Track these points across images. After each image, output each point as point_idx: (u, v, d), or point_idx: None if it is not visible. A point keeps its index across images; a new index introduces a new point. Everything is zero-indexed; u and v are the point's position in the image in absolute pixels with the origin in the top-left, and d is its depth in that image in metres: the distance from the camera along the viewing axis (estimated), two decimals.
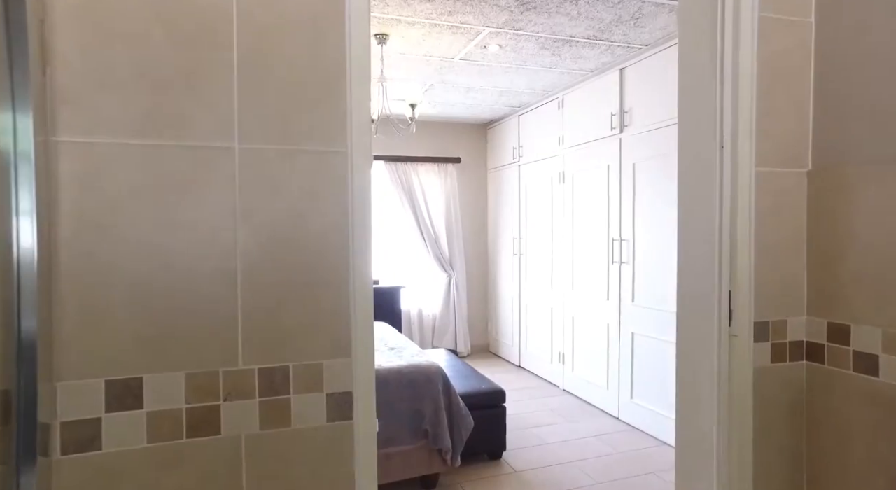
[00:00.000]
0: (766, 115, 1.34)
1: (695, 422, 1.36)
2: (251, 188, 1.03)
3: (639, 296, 3.80)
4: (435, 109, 5.42)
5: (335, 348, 1.08)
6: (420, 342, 5.95)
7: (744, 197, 1.28)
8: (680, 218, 1.39)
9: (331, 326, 1.08)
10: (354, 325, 1.07)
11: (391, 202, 5.80)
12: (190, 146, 1.00)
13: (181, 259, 1.00)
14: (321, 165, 1.07)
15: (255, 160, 1.03)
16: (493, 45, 3.55)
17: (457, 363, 3.88)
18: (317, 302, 1.07)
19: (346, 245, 1.08)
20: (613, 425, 3.93)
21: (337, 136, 1.07)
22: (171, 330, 0.99)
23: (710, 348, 1.30)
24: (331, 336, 1.08)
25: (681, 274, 1.41)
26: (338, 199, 1.08)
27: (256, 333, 1.04)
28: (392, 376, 2.92)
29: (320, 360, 1.08)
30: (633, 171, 3.83)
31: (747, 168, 1.28)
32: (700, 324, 1.34)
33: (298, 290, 1.06)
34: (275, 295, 1.05)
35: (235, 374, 1.03)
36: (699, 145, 1.32)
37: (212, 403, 1.02)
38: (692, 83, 1.35)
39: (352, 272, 1.08)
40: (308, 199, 1.06)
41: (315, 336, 1.07)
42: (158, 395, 0.99)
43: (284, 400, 1.06)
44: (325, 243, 1.08)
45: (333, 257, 1.08)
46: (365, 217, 1.08)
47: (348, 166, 1.07)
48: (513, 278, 5.67)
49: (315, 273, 1.07)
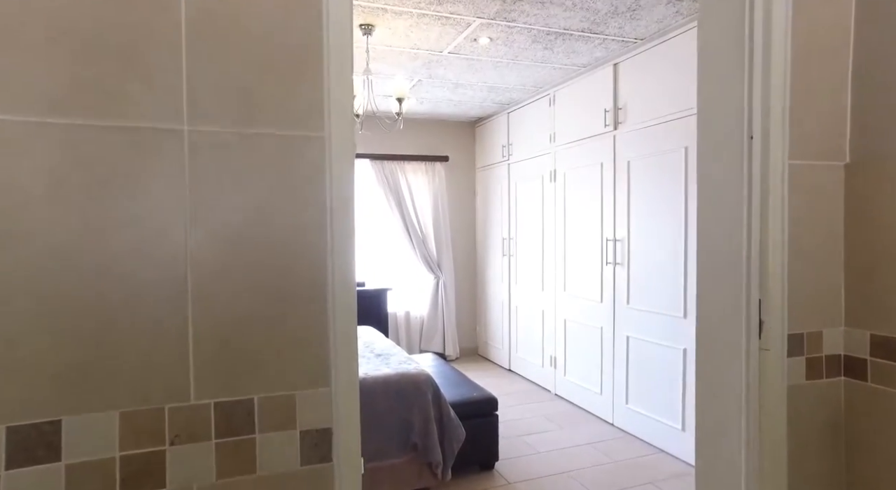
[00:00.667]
0: (801, 100, 1.19)
1: (718, 445, 1.22)
2: (205, 180, 0.84)
3: (634, 298, 3.67)
4: (422, 106, 5.26)
5: (311, 375, 0.89)
6: (407, 346, 5.80)
7: (776, 193, 1.13)
8: (700, 217, 1.25)
9: (306, 349, 0.89)
10: (335, 346, 0.88)
11: (377, 202, 5.64)
12: (126, 128, 0.81)
13: (115, 269, 0.81)
14: (293, 153, 0.88)
15: (209, 146, 0.84)
16: (484, 37, 3.40)
17: (446, 369, 3.73)
18: (289, 319, 0.89)
19: (325, 250, 0.90)
20: (608, 432, 3.81)
21: (312, 117, 0.88)
22: (100, 358, 0.80)
23: (737, 363, 1.16)
24: (306, 360, 0.89)
25: (701, 280, 1.26)
26: (314, 194, 0.89)
27: (213, 359, 0.85)
28: (379, 386, 2.76)
29: (293, 390, 0.89)
30: (627, 169, 3.70)
31: (779, 161, 1.14)
32: (724, 335, 1.19)
33: (265, 305, 0.88)
34: (236, 311, 0.86)
35: (186, 411, 0.84)
36: (723, 136, 1.18)
37: (155, 449, 0.82)
38: (715, 65, 1.20)
39: (331, 282, 0.90)
40: (277, 194, 0.88)
41: (286, 361, 0.88)
42: (83, 442, 0.79)
43: (248, 441, 0.86)
44: (298, 248, 0.89)
45: (309, 265, 0.90)
46: (347, 216, 0.90)
47: (326, 154, 0.88)
48: (502, 280, 5.53)
49: (286, 284, 0.89)
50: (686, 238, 3.24)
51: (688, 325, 3.24)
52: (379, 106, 4.60)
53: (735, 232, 1.16)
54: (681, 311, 3.29)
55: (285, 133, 0.88)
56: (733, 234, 1.16)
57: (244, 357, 0.87)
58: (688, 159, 3.23)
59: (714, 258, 1.22)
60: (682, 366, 3.29)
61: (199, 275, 0.85)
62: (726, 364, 1.19)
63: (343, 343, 0.89)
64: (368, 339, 3.77)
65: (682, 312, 3.28)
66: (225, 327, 0.86)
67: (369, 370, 2.90)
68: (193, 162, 0.84)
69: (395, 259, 5.80)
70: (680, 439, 3.31)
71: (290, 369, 0.89)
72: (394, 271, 5.79)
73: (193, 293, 0.84)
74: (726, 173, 1.17)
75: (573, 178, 4.33)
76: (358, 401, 0.91)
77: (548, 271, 4.72)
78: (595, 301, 4.07)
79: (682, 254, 3.27)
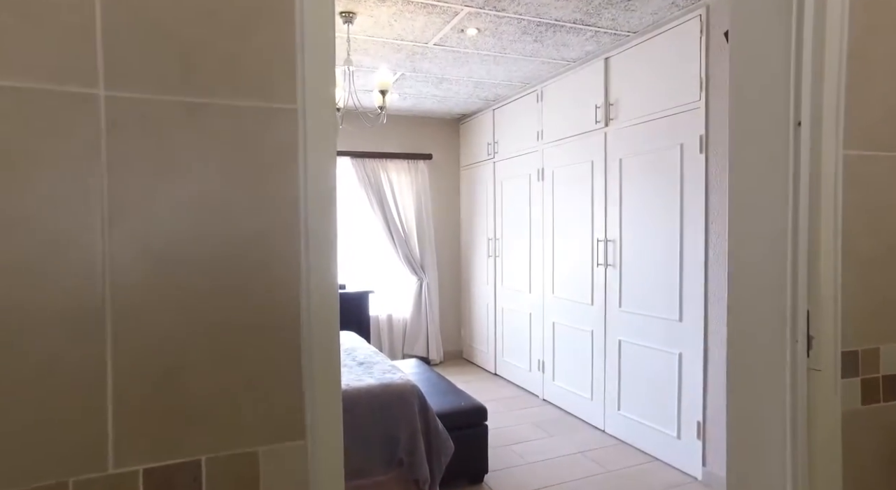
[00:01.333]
0: (860, 79, 1.01)
1: (758, 480, 1.06)
2: (129, 166, 0.61)
3: (627, 301, 3.54)
4: (405, 102, 5.08)
5: (279, 426, 0.67)
6: (390, 350, 5.61)
7: (827, 188, 0.98)
8: (733, 215, 1.09)
9: (271, 391, 0.66)
10: (311, 386, 0.66)
11: (358, 201, 5.44)
12: (8, 88, 0.57)
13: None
14: (253, 131, 0.65)
15: (136, 118, 0.61)
16: (472, 28, 3.23)
17: (431, 376, 3.56)
18: (247, 353, 0.66)
19: (297, 262, 0.67)
20: (599, 439, 3.67)
21: (280, 82, 0.65)
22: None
23: (779, 386, 1.00)
24: (271, 407, 0.66)
25: (734, 288, 1.11)
26: (282, 187, 0.67)
27: (141, 409, 0.62)
28: (362, 397, 2.57)
29: (254, 446, 0.66)
30: (619, 167, 3.57)
31: (832, 151, 0.98)
32: (764, 354, 1.03)
33: (215, 335, 0.65)
34: (174, 344, 0.62)
35: (102, 484, 0.61)
36: (763, 121, 1.02)
37: None
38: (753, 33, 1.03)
39: (306, 305, 0.67)
40: (231, 186, 0.65)
41: (244, 408, 0.65)
42: None
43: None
44: (260, 259, 0.66)
45: (275, 282, 0.67)
46: (327, 217, 0.68)
47: (300, 133, 0.65)
48: (488, 282, 5.38)
49: (243, 307, 0.66)
50: (681, 238, 3.12)
51: (684, 328, 3.12)
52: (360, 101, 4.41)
53: (777, 233, 1.00)
54: (676, 314, 3.16)
55: (242, 103, 0.65)
56: (775, 235, 1.00)
57: (186, 405, 0.63)
58: (683, 157, 3.11)
59: (750, 263, 1.07)
60: (678, 371, 3.17)
61: (121, 296, 0.62)
62: (766, 387, 1.03)
63: (322, 382, 0.66)
64: (350, 345, 3.58)
65: (678, 316, 3.15)
66: (159, 366, 0.62)
67: (351, 380, 2.71)
68: (113, 140, 0.61)
69: (377, 261, 5.61)
70: (675, 447, 3.19)
71: (249, 419, 0.66)
72: (376, 273, 5.59)
73: (114, 321, 0.61)
74: (767, 166, 1.01)
75: (562, 177, 4.19)
76: (341, 456, 0.69)
77: (535, 273, 4.58)
78: (586, 303, 3.94)
79: (677, 255, 3.14)
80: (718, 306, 2.90)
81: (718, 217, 2.89)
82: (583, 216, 3.94)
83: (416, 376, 3.48)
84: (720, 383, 2.90)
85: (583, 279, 3.95)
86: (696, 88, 2.99)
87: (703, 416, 3.00)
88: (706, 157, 2.96)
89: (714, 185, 2.91)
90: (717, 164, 2.89)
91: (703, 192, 2.97)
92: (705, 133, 2.95)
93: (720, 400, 2.90)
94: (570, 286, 4.11)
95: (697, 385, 3.03)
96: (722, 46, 2.85)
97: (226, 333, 0.66)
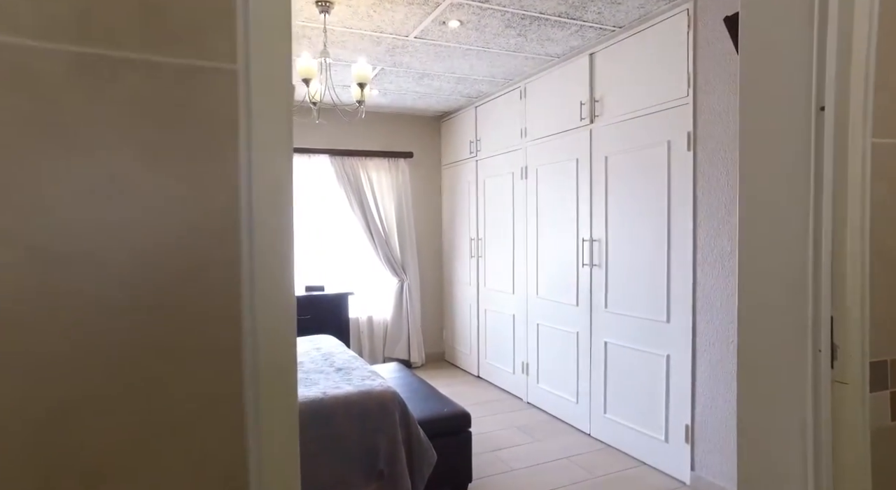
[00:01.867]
0: (891, 59, 0.92)
1: None
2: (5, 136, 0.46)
3: (613, 301, 3.46)
4: (385, 99, 4.94)
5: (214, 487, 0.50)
6: (370, 352, 5.47)
7: (854, 181, 0.88)
8: (744, 211, 1.00)
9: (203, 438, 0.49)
10: (256, 429, 0.48)
11: (337, 200, 5.28)
12: None
13: None
14: (178, 95, 0.49)
15: (12, 72, 0.45)
16: (454, 20, 3.12)
17: (413, 381, 3.43)
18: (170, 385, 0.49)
19: (236, 262, 0.51)
20: (586, 443, 3.59)
21: (212, 31, 0.49)
22: None
23: (800, 400, 0.90)
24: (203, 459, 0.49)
25: (745, 292, 1.01)
26: (215, 172, 0.51)
27: (12, 465, 0.45)
28: (339, 406, 2.44)
29: None
30: (605, 164, 3.49)
31: (860, 139, 0.88)
32: (781, 364, 0.93)
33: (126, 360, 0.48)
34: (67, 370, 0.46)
35: None
36: (780, 106, 0.92)
37: None
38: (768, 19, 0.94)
39: (249, 318, 0.51)
40: (143, 169, 0.49)
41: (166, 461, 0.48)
42: None
43: None
44: (187, 259, 0.51)
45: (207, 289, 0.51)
46: (280, 213, 0.52)
47: (241, 101, 0.49)
48: (470, 282, 5.27)
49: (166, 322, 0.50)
50: (669, 237, 3.04)
51: (671, 329, 3.04)
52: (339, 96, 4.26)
53: (796, 229, 0.90)
54: (663, 315, 3.09)
55: (158, 58, 0.48)
56: (794, 232, 0.90)
57: (81, 457, 0.46)
58: (670, 154, 3.03)
59: (765, 265, 0.97)
60: (665, 373, 3.09)
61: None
62: (784, 403, 0.92)
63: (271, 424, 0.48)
64: (328, 349, 3.43)
65: (665, 316, 3.08)
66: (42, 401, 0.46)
67: (328, 388, 2.57)
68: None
69: (356, 261, 5.46)
70: (663, 451, 3.11)
71: (172, 477, 0.49)
72: (355, 274, 5.44)
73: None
74: (785, 155, 0.92)
75: (546, 175, 4.10)
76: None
77: (518, 273, 4.48)
78: (570, 304, 3.85)
79: (664, 254, 3.07)
80: (706, 307, 2.83)
81: (707, 216, 2.82)
82: (567, 215, 3.85)
83: (397, 381, 3.36)
84: (709, 386, 2.83)
85: (568, 280, 3.87)
86: (684, 84, 2.92)
87: (692, 420, 2.93)
88: (694, 154, 2.89)
89: (702, 182, 2.84)
90: (706, 161, 2.82)
91: (690, 189, 2.90)
92: (693, 130, 2.88)
93: (709, 403, 2.83)
94: (555, 287, 4.02)
95: (686, 387, 2.96)
96: (711, 41, 2.78)
97: (140, 358, 0.49)
